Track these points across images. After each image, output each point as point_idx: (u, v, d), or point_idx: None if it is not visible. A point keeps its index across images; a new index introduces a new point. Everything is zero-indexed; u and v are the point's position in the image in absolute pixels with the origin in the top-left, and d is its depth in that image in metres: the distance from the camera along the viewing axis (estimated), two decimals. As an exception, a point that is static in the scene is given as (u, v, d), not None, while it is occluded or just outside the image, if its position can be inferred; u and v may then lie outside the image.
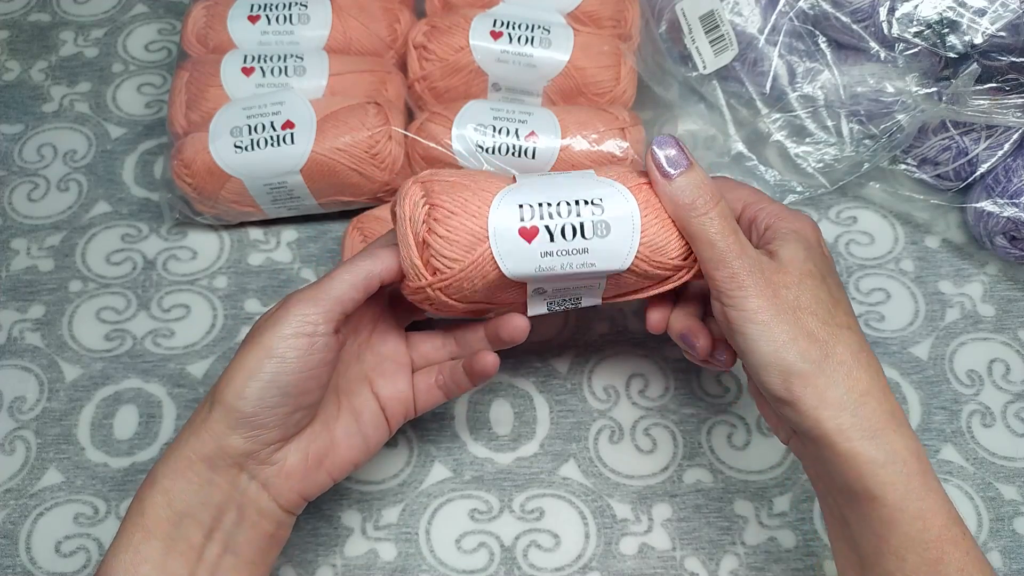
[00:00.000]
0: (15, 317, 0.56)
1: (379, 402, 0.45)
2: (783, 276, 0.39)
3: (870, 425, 0.36)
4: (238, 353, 0.40)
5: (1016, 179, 0.54)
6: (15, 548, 0.49)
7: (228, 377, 0.39)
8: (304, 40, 0.59)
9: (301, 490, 0.42)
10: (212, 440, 0.39)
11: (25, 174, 0.62)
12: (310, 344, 0.39)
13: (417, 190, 0.41)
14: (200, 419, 0.39)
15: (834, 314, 0.39)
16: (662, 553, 0.48)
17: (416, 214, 0.40)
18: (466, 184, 0.41)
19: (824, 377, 0.37)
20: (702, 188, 0.39)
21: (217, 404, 0.39)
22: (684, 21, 0.60)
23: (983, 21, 0.52)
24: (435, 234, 0.40)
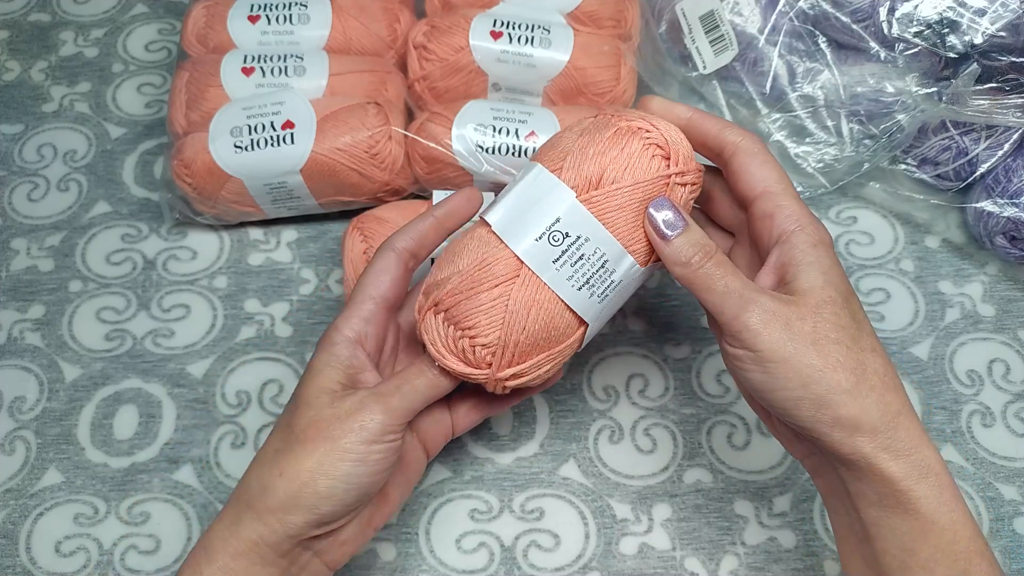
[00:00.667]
0: (15, 317, 0.56)
1: (418, 438, 0.45)
2: (796, 308, 0.37)
3: (905, 445, 0.36)
4: (310, 447, 0.38)
5: (1016, 179, 0.54)
6: (15, 548, 0.49)
7: (305, 474, 0.38)
8: (304, 40, 0.59)
9: (352, 551, 0.42)
10: (283, 530, 0.38)
11: (25, 174, 0.62)
12: (391, 448, 0.39)
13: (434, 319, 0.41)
14: (265, 507, 0.38)
15: (858, 338, 0.37)
16: (662, 553, 0.48)
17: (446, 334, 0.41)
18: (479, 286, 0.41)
19: (857, 406, 0.36)
20: (697, 245, 0.39)
21: (292, 501, 0.38)
22: (684, 21, 0.60)
23: (983, 21, 0.52)
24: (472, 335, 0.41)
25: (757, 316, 0.37)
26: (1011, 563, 0.48)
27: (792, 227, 0.39)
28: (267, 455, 0.40)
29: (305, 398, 0.40)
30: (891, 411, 0.36)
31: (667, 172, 0.41)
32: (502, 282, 0.40)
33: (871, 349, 0.37)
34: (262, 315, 0.56)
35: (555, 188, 0.41)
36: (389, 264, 0.43)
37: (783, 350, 0.36)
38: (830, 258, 0.39)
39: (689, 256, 0.39)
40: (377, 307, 0.42)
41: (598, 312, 0.42)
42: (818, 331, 0.37)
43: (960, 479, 0.50)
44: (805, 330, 0.37)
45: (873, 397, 0.36)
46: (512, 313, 0.40)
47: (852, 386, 0.36)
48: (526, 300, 0.40)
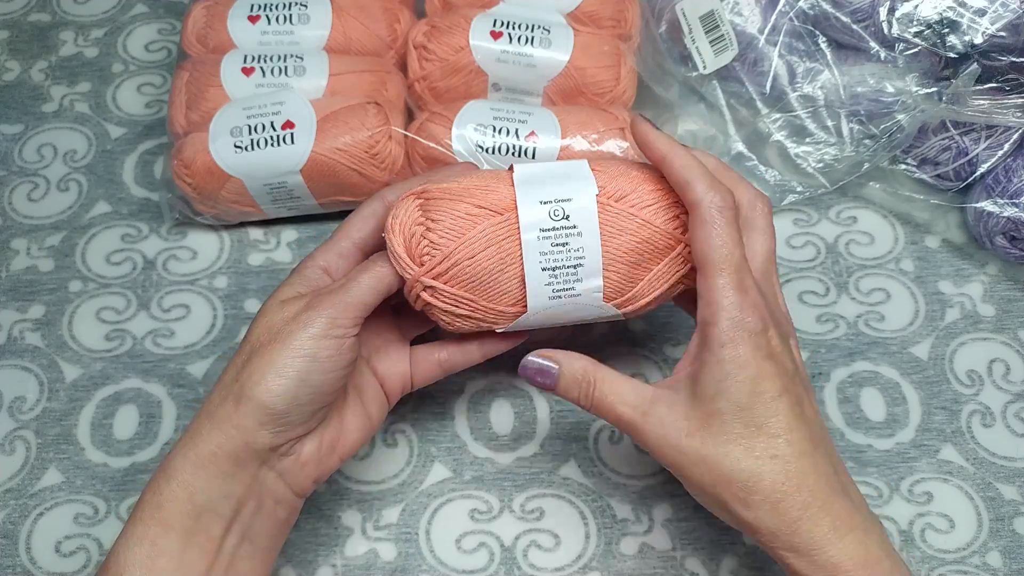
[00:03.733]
0: (15, 317, 0.56)
1: (377, 378, 0.46)
2: (687, 422, 0.38)
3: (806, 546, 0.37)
4: (262, 351, 0.40)
5: (1016, 179, 0.54)
6: (15, 548, 0.49)
7: (257, 374, 0.39)
8: (304, 40, 0.59)
9: (315, 475, 0.42)
10: (239, 435, 0.39)
11: (25, 174, 0.62)
12: (339, 345, 0.40)
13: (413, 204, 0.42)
14: (223, 414, 0.39)
15: (752, 448, 0.37)
16: (662, 553, 0.48)
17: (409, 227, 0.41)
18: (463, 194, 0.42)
19: (751, 515, 0.38)
20: (576, 382, 0.42)
21: (246, 400, 0.39)
22: (684, 21, 0.60)
23: (983, 21, 0.52)
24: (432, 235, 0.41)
25: (652, 435, 0.39)
26: (1011, 563, 0.48)
27: (709, 320, 0.38)
28: (228, 372, 0.41)
29: (262, 310, 0.42)
30: (788, 519, 0.36)
31: (678, 237, 0.42)
32: (487, 208, 0.41)
33: (769, 456, 0.37)
34: (262, 315, 0.56)
35: (585, 178, 0.42)
36: (376, 212, 0.44)
37: (678, 463, 0.38)
38: (737, 358, 0.37)
39: (575, 395, 0.41)
40: (354, 246, 0.44)
41: (543, 306, 0.42)
42: (705, 446, 0.38)
43: (960, 479, 0.50)
44: (694, 446, 0.38)
45: (766, 508, 0.37)
46: (475, 237, 0.41)
47: (743, 497, 0.37)
48: (494, 236, 0.41)
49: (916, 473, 0.51)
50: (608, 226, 0.41)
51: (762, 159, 0.60)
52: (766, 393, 0.37)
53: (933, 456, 0.51)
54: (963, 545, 0.49)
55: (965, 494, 0.50)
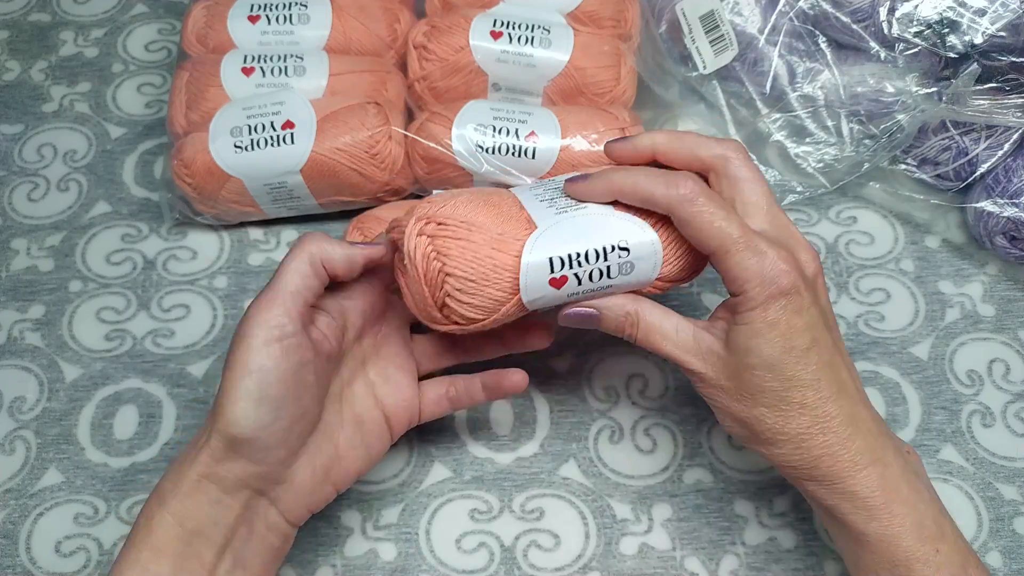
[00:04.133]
0: (15, 317, 0.56)
1: (383, 410, 0.45)
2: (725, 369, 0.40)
3: (827, 477, 0.39)
4: (222, 375, 0.39)
5: (1016, 179, 0.54)
6: (15, 548, 0.49)
7: (219, 403, 0.39)
8: (304, 40, 0.59)
9: (308, 504, 0.42)
10: (218, 465, 0.39)
11: (25, 174, 0.62)
12: (283, 349, 0.39)
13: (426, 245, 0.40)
14: (203, 443, 0.39)
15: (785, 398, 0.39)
16: (662, 553, 0.48)
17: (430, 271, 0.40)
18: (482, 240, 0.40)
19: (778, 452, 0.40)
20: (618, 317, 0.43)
21: (215, 432, 0.38)
22: (684, 21, 0.60)
23: (983, 21, 0.52)
24: (456, 300, 0.41)
25: (694, 370, 0.41)
26: (1012, 563, 0.48)
27: (734, 290, 0.39)
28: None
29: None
30: (811, 456, 0.39)
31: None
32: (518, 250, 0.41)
33: (799, 405, 0.39)
34: (262, 315, 0.56)
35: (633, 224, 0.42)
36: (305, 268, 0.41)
37: (715, 397, 0.41)
38: (766, 320, 0.38)
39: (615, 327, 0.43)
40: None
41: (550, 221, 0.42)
42: (739, 390, 0.40)
43: (960, 479, 0.50)
44: (731, 387, 0.40)
45: (790, 447, 0.40)
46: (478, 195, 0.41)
47: (770, 437, 0.40)
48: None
49: (916, 473, 0.51)
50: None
51: (762, 159, 0.60)
52: (796, 348, 0.39)
53: (933, 456, 0.51)
54: (963, 545, 0.49)
55: (965, 494, 0.50)
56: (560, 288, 0.41)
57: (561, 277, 0.41)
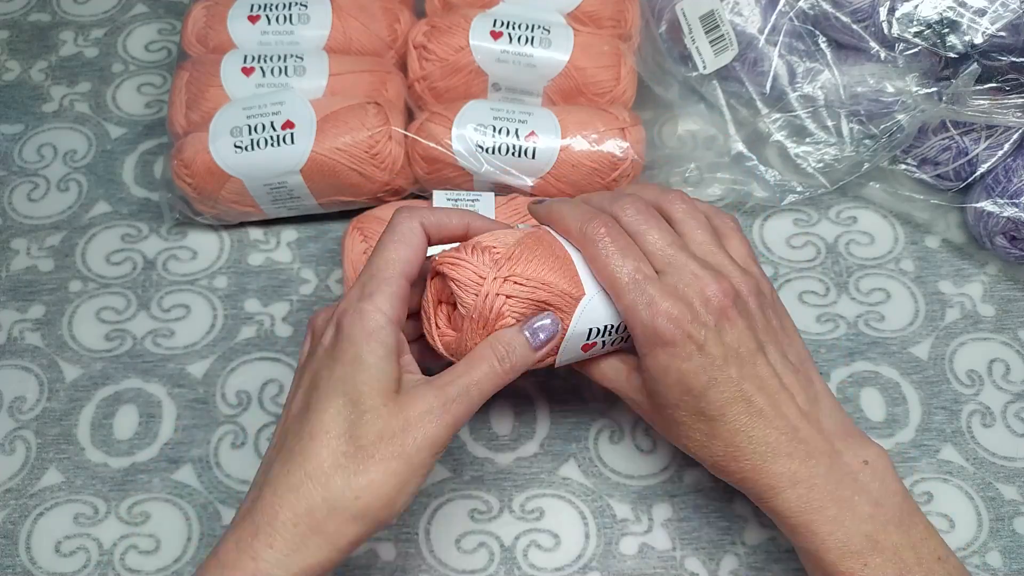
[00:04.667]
0: (15, 317, 0.56)
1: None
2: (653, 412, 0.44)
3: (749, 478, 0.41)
4: (380, 467, 0.35)
5: (1016, 179, 0.54)
6: (15, 548, 0.49)
7: (385, 499, 0.36)
8: (304, 40, 0.59)
9: None
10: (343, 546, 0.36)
11: (25, 174, 0.62)
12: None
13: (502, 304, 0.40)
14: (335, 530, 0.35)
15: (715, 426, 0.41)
16: (662, 553, 0.48)
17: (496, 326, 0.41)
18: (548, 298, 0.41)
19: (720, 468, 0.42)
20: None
21: (362, 521, 0.36)
22: (684, 21, 0.60)
23: (983, 21, 0.52)
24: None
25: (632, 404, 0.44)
26: (1012, 563, 0.48)
27: (631, 333, 0.41)
28: (324, 467, 0.36)
29: (366, 402, 0.36)
30: (734, 479, 0.41)
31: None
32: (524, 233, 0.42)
33: (709, 437, 0.41)
34: (262, 315, 0.56)
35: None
36: (415, 235, 0.40)
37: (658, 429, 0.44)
38: (655, 365, 0.40)
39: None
40: (408, 285, 0.40)
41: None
42: (666, 423, 0.42)
43: (960, 479, 0.50)
44: (657, 422, 0.43)
45: (716, 470, 0.42)
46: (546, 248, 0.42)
47: (701, 460, 0.42)
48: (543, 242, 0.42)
49: (916, 473, 0.51)
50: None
51: (762, 159, 0.60)
52: (693, 390, 0.40)
53: (933, 456, 0.51)
54: (963, 545, 0.49)
55: (965, 494, 0.50)
56: (586, 352, 0.43)
57: (592, 343, 0.43)
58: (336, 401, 0.36)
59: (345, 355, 0.37)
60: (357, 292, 0.39)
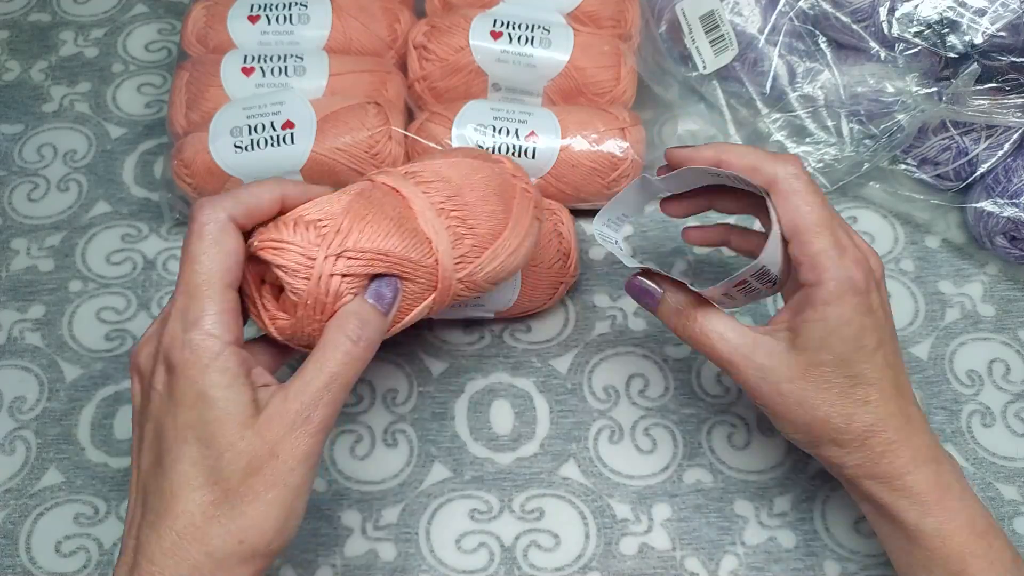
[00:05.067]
0: (15, 317, 0.56)
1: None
2: (787, 370, 0.40)
3: (886, 473, 0.40)
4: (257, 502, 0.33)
5: (1016, 179, 0.54)
6: (15, 548, 0.49)
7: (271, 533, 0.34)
8: (304, 40, 0.59)
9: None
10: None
11: (25, 174, 0.62)
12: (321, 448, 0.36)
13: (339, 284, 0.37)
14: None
15: (849, 393, 0.40)
16: (662, 553, 0.48)
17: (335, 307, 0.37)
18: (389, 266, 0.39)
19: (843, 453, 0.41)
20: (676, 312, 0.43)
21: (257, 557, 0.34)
22: (684, 21, 0.60)
23: (983, 21, 0.52)
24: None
25: (752, 376, 0.41)
26: (1011, 563, 0.48)
27: (813, 280, 0.39)
28: (196, 522, 0.33)
29: (220, 442, 0.33)
30: (874, 453, 0.40)
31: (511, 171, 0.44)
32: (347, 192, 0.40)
33: (863, 402, 0.40)
34: (262, 315, 0.56)
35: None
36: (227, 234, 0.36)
37: (774, 403, 0.41)
38: (840, 316, 0.39)
39: (672, 323, 0.43)
40: (235, 293, 0.36)
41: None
42: (806, 392, 0.40)
43: (960, 479, 0.50)
44: (794, 390, 0.40)
45: (855, 445, 0.40)
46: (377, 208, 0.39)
47: (835, 437, 0.40)
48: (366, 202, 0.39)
49: (916, 473, 0.51)
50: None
51: (762, 159, 0.60)
52: (866, 348, 0.39)
53: (933, 456, 0.51)
54: (963, 545, 0.49)
55: (965, 494, 0.50)
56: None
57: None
58: (189, 450, 0.33)
59: (186, 397, 0.34)
60: (179, 320, 0.35)
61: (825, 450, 0.41)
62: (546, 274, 0.52)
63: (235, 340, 0.35)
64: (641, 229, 0.59)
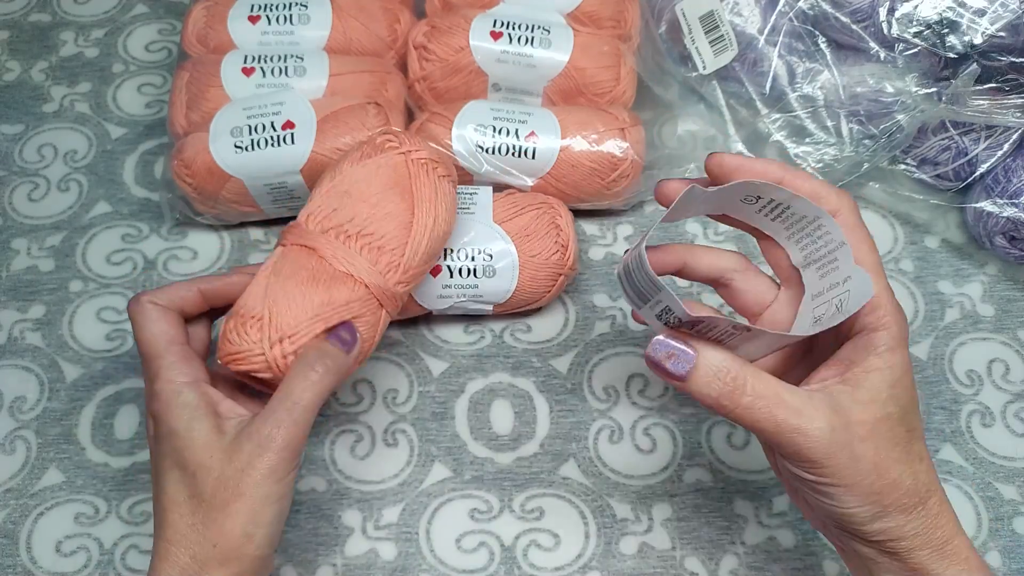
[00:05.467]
0: (16, 317, 0.56)
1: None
2: (853, 428, 0.34)
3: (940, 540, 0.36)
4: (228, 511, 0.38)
5: (1015, 179, 0.54)
6: (16, 548, 0.49)
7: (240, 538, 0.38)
8: (304, 40, 0.59)
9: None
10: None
11: (26, 174, 0.62)
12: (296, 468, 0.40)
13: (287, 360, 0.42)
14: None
15: (909, 450, 0.36)
16: (662, 552, 0.48)
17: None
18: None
19: (907, 519, 0.36)
20: (718, 378, 0.34)
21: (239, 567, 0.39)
22: (684, 21, 0.60)
23: (983, 21, 0.52)
24: None
25: (819, 442, 0.34)
26: (1011, 563, 0.48)
27: (875, 325, 0.35)
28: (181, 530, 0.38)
29: (191, 465, 0.39)
30: (931, 514, 0.36)
31: (400, 149, 0.44)
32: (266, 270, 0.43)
33: (919, 458, 0.36)
34: (262, 315, 0.56)
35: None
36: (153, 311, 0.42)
37: (845, 470, 0.35)
38: (903, 363, 0.36)
39: (716, 395, 0.35)
40: (183, 346, 0.42)
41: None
42: (878, 452, 0.35)
43: (960, 479, 0.50)
44: (867, 452, 0.35)
45: (919, 508, 0.36)
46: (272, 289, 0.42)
47: (905, 502, 0.36)
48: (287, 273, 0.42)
49: (915, 473, 0.51)
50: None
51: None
52: (914, 399, 0.36)
53: (933, 456, 0.51)
54: (962, 545, 0.49)
55: (965, 494, 0.50)
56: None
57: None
58: (172, 474, 0.39)
59: (161, 433, 0.40)
60: (146, 381, 0.41)
61: (888, 521, 0.35)
62: (544, 265, 0.52)
63: (191, 381, 0.40)
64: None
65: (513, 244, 0.52)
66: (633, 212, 0.60)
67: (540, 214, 0.53)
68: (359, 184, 0.44)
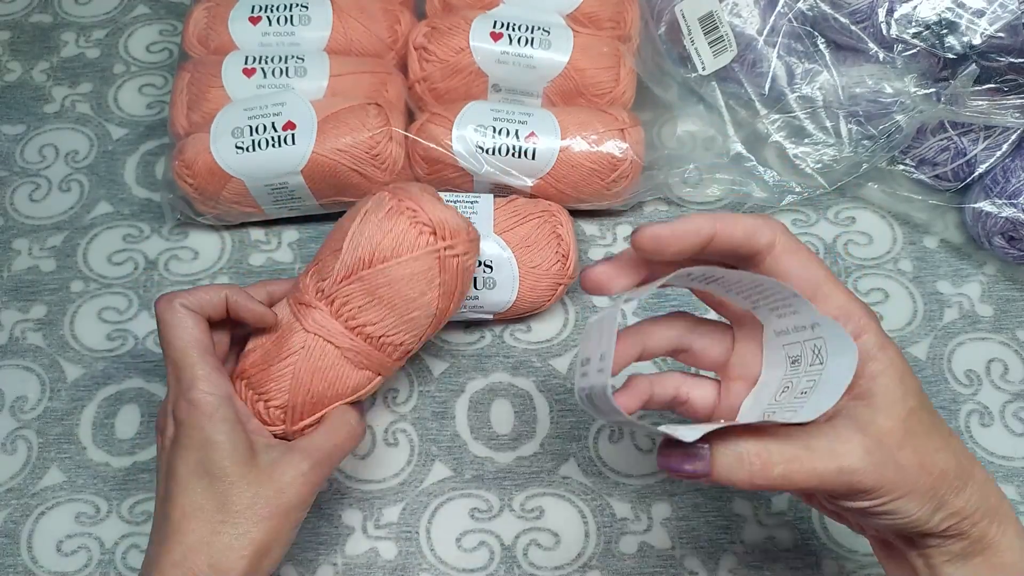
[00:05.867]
0: (17, 317, 0.56)
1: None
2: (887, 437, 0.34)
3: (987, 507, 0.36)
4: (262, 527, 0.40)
5: (1014, 179, 0.54)
6: (16, 547, 0.49)
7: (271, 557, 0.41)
8: (305, 41, 0.59)
9: None
10: None
11: (27, 174, 0.62)
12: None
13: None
14: None
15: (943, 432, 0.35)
16: (662, 552, 0.49)
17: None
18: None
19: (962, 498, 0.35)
20: (741, 460, 0.33)
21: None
22: (683, 22, 0.60)
23: (981, 22, 0.52)
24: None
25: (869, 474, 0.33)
26: (1009, 562, 0.48)
27: (856, 332, 0.35)
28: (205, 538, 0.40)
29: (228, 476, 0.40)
30: (979, 484, 0.35)
31: (436, 246, 0.44)
32: (291, 354, 0.44)
33: (950, 436, 0.36)
34: (263, 315, 0.56)
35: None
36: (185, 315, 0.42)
37: (895, 485, 0.34)
38: (897, 355, 0.35)
39: (747, 475, 0.34)
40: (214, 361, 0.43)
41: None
42: (918, 451, 0.34)
43: (958, 478, 0.51)
44: (908, 456, 0.34)
45: (969, 486, 0.35)
46: (297, 379, 0.44)
47: (957, 485, 0.35)
48: (310, 368, 0.44)
49: (914, 472, 0.51)
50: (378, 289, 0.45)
51: (761, 160, 0.60)
52: (919, 380, 0.36)
53: (931, 455, 0.51)
54: (961, 544, 0.49)
55: (963, 493, 0.50)
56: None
57: None
58: (200, 482, 0.40)
59: (193, 441, 0.40)
60: (176, 389, 0.42)
61: (948, 508, 0.35)
62: (544, 276, 0.52)
63: (226, 395, 0.42)
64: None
65: (514, 256, 0.52)
66: (633, 212, 0.60)
67: (541, 223, 0.53)
68: (390, 288, 0.44)
